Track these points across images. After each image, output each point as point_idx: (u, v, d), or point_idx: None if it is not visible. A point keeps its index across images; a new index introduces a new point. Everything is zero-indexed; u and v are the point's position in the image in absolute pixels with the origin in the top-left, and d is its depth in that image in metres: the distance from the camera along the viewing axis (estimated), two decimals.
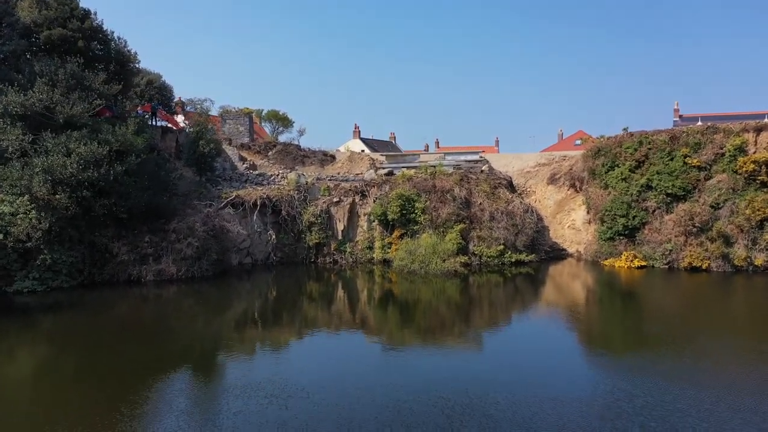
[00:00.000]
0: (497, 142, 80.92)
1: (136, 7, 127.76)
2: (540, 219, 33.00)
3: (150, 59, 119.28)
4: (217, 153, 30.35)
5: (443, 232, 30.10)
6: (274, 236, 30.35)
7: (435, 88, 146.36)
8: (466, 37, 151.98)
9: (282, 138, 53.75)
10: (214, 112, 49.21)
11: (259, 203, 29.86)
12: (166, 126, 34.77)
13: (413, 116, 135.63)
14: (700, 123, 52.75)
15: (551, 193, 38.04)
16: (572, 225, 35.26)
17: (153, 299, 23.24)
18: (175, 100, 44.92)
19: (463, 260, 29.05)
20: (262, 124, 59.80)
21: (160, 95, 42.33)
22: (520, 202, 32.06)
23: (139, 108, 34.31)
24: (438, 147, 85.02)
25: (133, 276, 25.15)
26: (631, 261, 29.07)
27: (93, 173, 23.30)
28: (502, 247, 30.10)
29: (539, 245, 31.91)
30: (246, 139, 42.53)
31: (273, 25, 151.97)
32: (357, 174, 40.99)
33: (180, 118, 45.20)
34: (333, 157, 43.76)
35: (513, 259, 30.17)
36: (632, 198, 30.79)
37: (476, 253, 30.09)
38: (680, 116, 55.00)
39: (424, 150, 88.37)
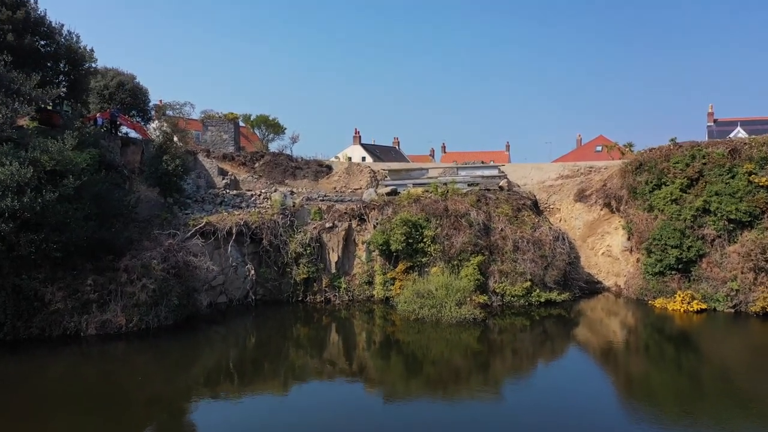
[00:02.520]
0: (508, 147, 75.87)
1: (113, 6, 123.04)
2: (572, 248, 27.72)
3: (124, 59, 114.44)
4: (185, 171, 25.19)
5: (457, 265, 24.96)
6: (253, 271, 25.20)
7: (441, 90, 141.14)
8: (474, 37, 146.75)
9: (273, 146, 48.68)
10: (196, 117, 44.21)
11: (234, 231, 24.70)
12: (129, 136, 29.69)
13: (418, 119, 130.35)
14: (739, 129, 47.55)
15: (580, 212, 32.75)
16: (608, 252, 29.99)
17: (97, 357, 19.02)
18: (152, 105, 39.90)
19: (482, 299, 23.96)
20: (254, 130, 54.73)
21: (132, 99, 37.34)
22: (549, 227, 26.82)
23: (98, 115, 29.31)
24: (444, 152, 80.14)
25: (69, 329, 20.08)
26: (688, 303, 23.78)
27: (13, 202, 18.21)
28: (528, 283, 24.89)
29: (572, 280, 26.66)
30: (231, 149, 37.49)
31: (264, 24, 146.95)
32: (355, 189, 35.89)
33: (155, 126, 40.30)
34: (329, 168, 38.72)
35: (542, 299, 24.94)
36: (686, 224, 25.51)
37: (498, 291, 24.90)
38: (715, 121, 49.69)
39: (430, 155, 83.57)
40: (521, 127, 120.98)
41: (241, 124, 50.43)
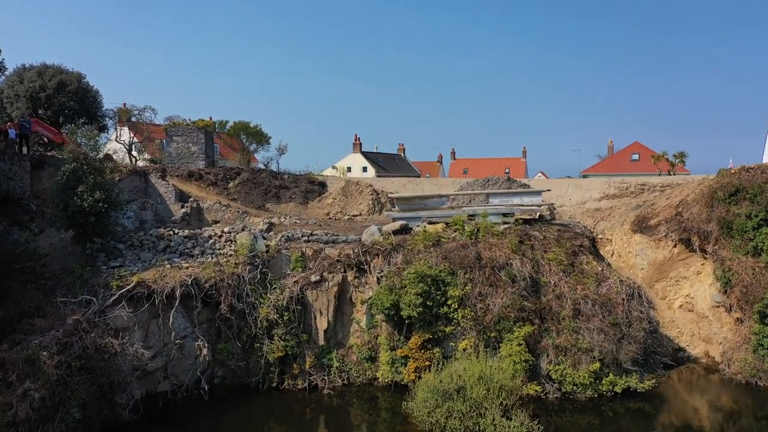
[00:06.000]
0: (525, 152, 68.49)
1: (87, 5, 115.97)
2: (651, 306, 20.26)
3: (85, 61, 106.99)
4: (111, 205, 17.79)
5: (496, 338, 17.72)
6: (205, 347, 17.82)
7: (448, 90, 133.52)
8: (483, 34, 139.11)
9: (257, 158, 41.37)
10: (159, 122, 37.05)
11: (179, 293, 17.31)
12: (45, 155, 22.42)
13: (424, 123, 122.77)
14: None
15: (642, 248, 25.32)
16: (688, 305, 22.58)
17: None
18: (105, 110, 32.75)
19: (532, 391, 16.77)
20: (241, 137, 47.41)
21: (78, 103, 30.17)
22: (620, 280, 19.39)
23: (8, 125, 22.09)
24: (454, 158, 72.95)
25: None
26: None
27: None
28: (597, 365, 17.49)
29: (655, 354, 19.22)
30: (201, 164, 30.23)
31: (252, 21, 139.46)
32: (354, 215, 28.65)
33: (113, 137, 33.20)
34: (322, 186, 31.63)
35: (617, 388, 17.51)
36: None
37: (554, 377, 17.54)
38: None
39: (438, 161, 76.25)
40: (538, 131, 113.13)
41: (221, 129, 43.21)
